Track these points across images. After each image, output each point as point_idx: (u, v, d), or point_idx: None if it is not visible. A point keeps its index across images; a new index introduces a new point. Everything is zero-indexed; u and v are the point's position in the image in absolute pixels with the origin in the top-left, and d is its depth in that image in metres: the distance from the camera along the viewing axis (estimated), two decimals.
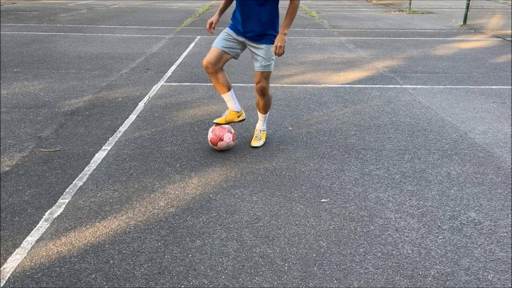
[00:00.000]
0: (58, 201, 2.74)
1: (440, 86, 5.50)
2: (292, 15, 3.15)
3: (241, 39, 3.26)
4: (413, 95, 5.11)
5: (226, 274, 2.11)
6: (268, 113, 3.69)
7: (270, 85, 5.44)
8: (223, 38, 3.28)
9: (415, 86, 5.47)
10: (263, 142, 3.64)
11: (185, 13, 13.65)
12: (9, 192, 2.85)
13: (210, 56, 3.25)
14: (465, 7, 11.53)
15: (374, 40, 9.01)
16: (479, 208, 2.72)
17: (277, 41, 3.14)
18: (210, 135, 3.46)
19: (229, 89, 3.43)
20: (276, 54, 3.18)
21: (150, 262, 2.19)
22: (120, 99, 4.81)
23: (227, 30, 3.30)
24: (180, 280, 2.07)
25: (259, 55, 3.25)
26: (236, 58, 3.39)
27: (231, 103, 3.48)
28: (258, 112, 3.65)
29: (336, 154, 3.50)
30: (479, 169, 3.25)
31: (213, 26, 3.33)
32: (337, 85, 5.51)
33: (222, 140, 3.42)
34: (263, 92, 3.39)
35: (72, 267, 2.15)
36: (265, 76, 3.31)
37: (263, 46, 3.23)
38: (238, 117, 3.52)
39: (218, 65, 3.27)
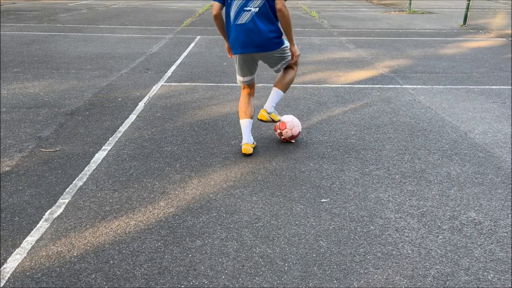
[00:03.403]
0: (58, 201, 2.74)
1: (440, 86, 5.50)
2: None
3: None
4: (413, 95, 5.11)
5: (226, 274, 2.11)
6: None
7: (270, 85, 5.44)
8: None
9: (415, 86, 5.47)
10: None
11: (185, 13, 13.65)
12: (9, 192, 2.85)
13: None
14: (465, 7, 11.53)
15: (374, 40, 9.01)
16: (479, 208, 2.72)
17: None
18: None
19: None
20: None
21: (150, 262, 2.19)
22: (120, 99, 4.81)
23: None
24: (180, 280, 2.07)
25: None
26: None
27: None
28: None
29: (336, 154, 3.50)
30: (479, 169, 3.24)
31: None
32: (337, 85, 5.51)
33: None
34: None
35: (72, 267, 2.15)
36: None
37: None
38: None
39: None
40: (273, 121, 3.49)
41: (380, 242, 2.37)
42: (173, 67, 6.34)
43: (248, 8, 3.12)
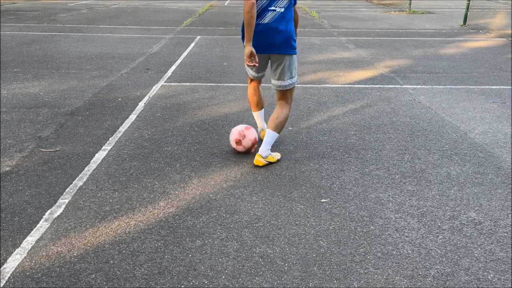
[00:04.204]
0: (58, 201, 2.74)
1: (440, 86, 5.50)
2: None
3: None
4: (413, 95, 5.11)
5: (226, 274, 2.11)
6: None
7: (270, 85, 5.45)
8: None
9: (415, 86, 5.47)
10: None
11: (185, 13, 13.65)
12: (9, 192, 2.85)
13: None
14: (465, 7, 11.53)
15: (374, 40, 9.01)
16: (479, 208, 2.72)
17: None
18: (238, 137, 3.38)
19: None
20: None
21: (150, 262, 2.19)
22: (120, 99, 4.81)
23: None
24: (180, 280, 2.07)
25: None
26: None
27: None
28: None
29: (336, 154, 3.50)
30: (479, 169, 3.24)
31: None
32: (337, 85, 5.51)
33: (245, 138, 3.38)
34: None
35: (72, 267, 2.15)
36: None
37: None
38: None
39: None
40: (271, 163, 3.29)
41: (380, 242, 2.37)
42: (173, 67, 6.34)
43: (272, 8, 3.07)
